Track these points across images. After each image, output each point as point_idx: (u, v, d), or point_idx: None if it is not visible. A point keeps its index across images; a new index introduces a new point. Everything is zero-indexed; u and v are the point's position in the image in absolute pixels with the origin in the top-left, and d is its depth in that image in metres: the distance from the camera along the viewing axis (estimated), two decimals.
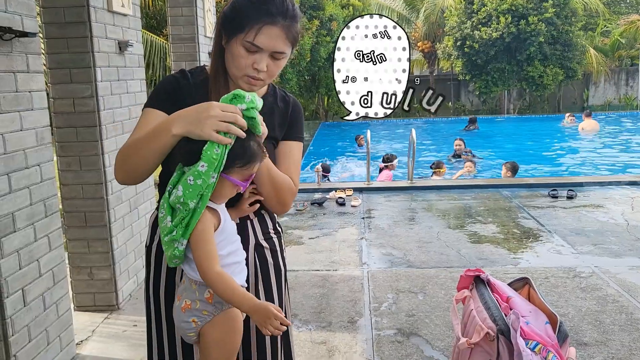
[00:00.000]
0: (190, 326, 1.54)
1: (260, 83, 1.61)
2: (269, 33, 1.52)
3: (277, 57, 1.58)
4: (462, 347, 1.33)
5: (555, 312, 1.41)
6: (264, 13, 1.52)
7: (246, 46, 1.54)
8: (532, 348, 1.24)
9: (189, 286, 1.54)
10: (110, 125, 3.63)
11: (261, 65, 1.55)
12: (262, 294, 1.74)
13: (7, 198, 2.50)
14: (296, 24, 1.58)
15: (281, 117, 1.74)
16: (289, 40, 1.56)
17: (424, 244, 4.90)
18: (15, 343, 2.55)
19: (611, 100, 22.43)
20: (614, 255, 4.45)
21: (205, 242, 1.44)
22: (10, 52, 2.55)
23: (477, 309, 1.41)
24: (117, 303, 3.70)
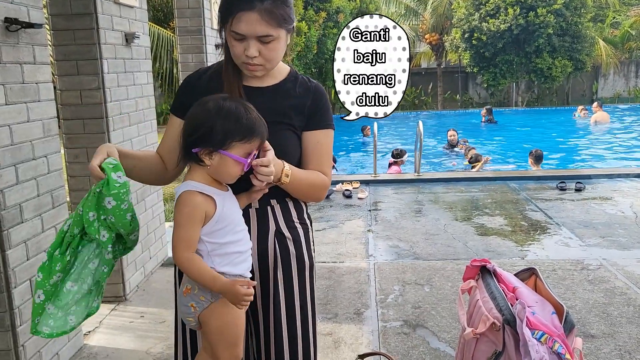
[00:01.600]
0: (189, 311, 1.55)
1: (260, 68, 1.63)
2: (247, 19, 1.54)
3: (266, 41, 1.58)
4: (468, 337, 1.32)
5: (562, 303, 1.40)
6: (240, 1, 1.54)
7: (232, 35, 1.57)
8: (538, 338, 1.24)
9: None
10: (117, 117, 3.64)
11: (251, 52, 1.57)
12: (280, 283, 1.72)
13: (14, 189, 2.51)
14: (281, 4, 1.57)
15: (299, 104, 1.72)
16: (272, 22, 1.56)
17: (430, 236, 4.89)
18: (23, 333, 2.56)
19: (620, 93, 22.25)
20: (622, 248, 4.43)
21: (181, 226, 1.47)
22: (17, 43, 2.55)
23: (483, 299, 1.40)
24: (124, 294, 3.72)
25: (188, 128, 1.51)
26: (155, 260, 4.25)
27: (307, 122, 1.73)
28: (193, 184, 1.50)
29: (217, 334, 1.55)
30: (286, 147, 1.68)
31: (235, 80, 1.66)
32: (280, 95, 1.71)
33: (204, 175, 1.52)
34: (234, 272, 1.53)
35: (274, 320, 1.73)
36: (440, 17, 20.99)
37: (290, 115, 1.70)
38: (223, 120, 1.47)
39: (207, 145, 1.47)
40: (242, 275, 1.55)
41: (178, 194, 1.51)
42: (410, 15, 22.50)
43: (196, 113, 1.51)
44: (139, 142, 3.96)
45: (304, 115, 1.72)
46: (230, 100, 1.53)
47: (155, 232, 4.27)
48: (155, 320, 3.42)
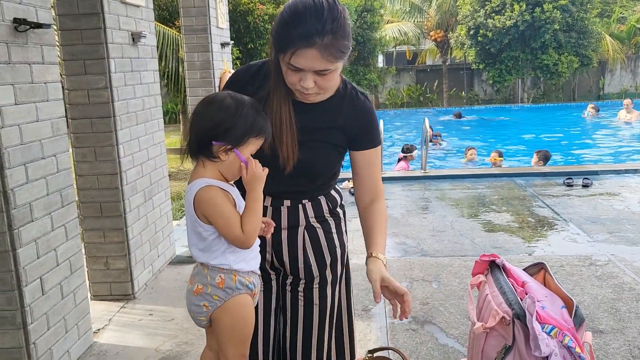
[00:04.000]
0: (201, 310, 1.56)
1: (314, 96, 1.63)
2: (305, 55, 1.50)
3: (323, 74, 1.55)
4: (478, 332, 1.33)
5: (572, 298, 1.40)
6: (298, 36, 1.48)
7: (289, 66, 1.54)
8: (548, 332, 1.24)
9: (201, 270, 1.56)
10: (125, 116, 3.66)
11: (306, 84, 1.55)
12: (314, 268, 1.78)
13: (24, 188, 2.53)
14: (339, 38, 1.51)
15: (345, 125, 1.73)
16: (330, 57, 1.51)
17: (437, 232, 4.89)
18: (34, 331, 2.58)
19: (627, 88, 22.15)
20: (630, 244, 4.42)
21: (222, 216, 1.49)
22: (26, 43, 2.57)
23: (492, 294, 1.40)
24: (132, 292, 3.74)
25: (206, 125, 1.51)
26: (163, 258, 4.27)
27: (356, 142, 1.75)
28: (206, 180, 1.51)
29: (228, 331, 1.56)
30: (319, 164, 1.73)
31: (286, 97, 1.65)
32: (327, 113, 1.70)
33: (215, 172, 1.53)
34: (247, 268, 1.55)
35: (303, 311, 1.76)
36: (445, 14, 20.95)
37: (333, 134, 1.72)
38: (244, 118, 1.49)
39: (226, 142, 1.49)
40: (254, 271, 1.57)
41: (194, 191, 1.51)
42: (415, 12, 22.46)
43: (215, 111, 1.51)
44: (145, 140, 3.98)
45: (349, 135, 1.74)
46: (243, 97, 1.55)
47: (163, 231, 4.29)
48: (164, 318, 3.44)
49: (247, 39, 10.12)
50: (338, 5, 1.54)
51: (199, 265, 1.58)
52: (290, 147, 1.65)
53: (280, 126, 1.64)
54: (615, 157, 10.67)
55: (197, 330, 3.25)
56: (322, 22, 1.47)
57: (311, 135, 1.68)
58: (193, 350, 3.04)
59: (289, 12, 1.54)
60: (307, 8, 1.50)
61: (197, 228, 1.53)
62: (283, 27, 1.52)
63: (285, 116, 1.65)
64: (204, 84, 5.90)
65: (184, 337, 3.19)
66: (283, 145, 1.65)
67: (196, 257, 1.57)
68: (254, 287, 1.59)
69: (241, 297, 1.55)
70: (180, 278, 4.09)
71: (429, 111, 19.70)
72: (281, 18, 1.55)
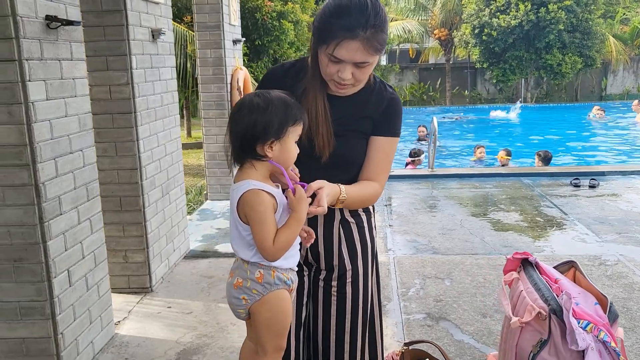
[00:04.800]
0: (240, 303, 1.61)
1: (349, 87, 1.70)
2: (348, 47, 1.57)
3: (361, 66, 1.63)
4: (514, 326, 1.39)
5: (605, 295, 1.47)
6: (342, 27, 1.56)
7: (329, 57, 1.61)
8: (583, 327, 1.30)
9: (241, 265, 1.61)
10: (145, 111, 3.71)
11: (344, 75, 1.63)
12: (346, 259, 1.85)
13: (54, 182, 2.59)
14: (380, 32, 1.59)
15: (372, 113, 1.80)
16: (371, 50, 1.59)
17: (447, 231, 4.95)
18: (62, 321, 2.64)
19: (629, 89, 22.19)
20: (638, 244, 4.48)
21: (262, 223, 1.52)
22: (56, 40, 2.62)
23: (526, 290, 1.46)
24: (150, 285, 3.80)
25: (243, 129, 1.55)
26: (178, 252, 4.33)
27: (376, 127, 1.81)
28: (254, 182, 1.56)
29: (266, 325, 1.61)
30: (354, 154, 1.80)
31: (321, 90, 1.72)
32: (358, 104, 1.78)
33: (260, 172, 1.58)
34: (285, 265, 1.61)
35: (336, 305, 1.83)
36: (449, 12, 20.98)
37: (363, 123, 1.80)
38: (275, 111, 1.54)
39: (268, 138, 1.54)
40: (292, 268, 1.62)
41: (241, 191, 1.55)
42: (420, 10, 22.48)
43: (246, 114, 1.56)
44: (164, 136, 4.03)
45: (374, 121, 1.81)
46: (269, 93, 1.60)
47: (179, 225, 4.35)
48: (182, 311, 3.50)
49: (255, 35, 10.15)
50: (379, 1, 1.62)
51: (239, 259, 1.63)
52: (325, 137, 1.72)
53: (316, 118, 1.72)
54: (629, 156, 10.72)
55: (217, 324, 3.31)
56: (366, 16, 1.55)
57: (344, 126, 1.77)
58: (213, 342, 3.10)
59: (333, 4, 1.61)
60: (352, 1, 1.58)
61: (237, 226, 1.58)
62: (327, 18, 1.60)
63: (320, 108, 1.72)
64: (216, 80, 5.95)
65: (203, 329, 3.25)
66: (319, 135, 1.72)
67: (237, 252, 1.62)
68: (291, 283, 1.65)
69: (279, 291, 1.61)
70: (196, 272, 4.15)
71: (433, 109, 19.73)
72: (325, 10, 1.63)
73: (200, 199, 6.75)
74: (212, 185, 6.26)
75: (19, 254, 2.52)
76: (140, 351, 3.04)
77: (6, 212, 2.47)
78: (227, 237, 4.91)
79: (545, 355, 1.33)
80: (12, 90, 2.38)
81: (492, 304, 3.47)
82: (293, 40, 10.74)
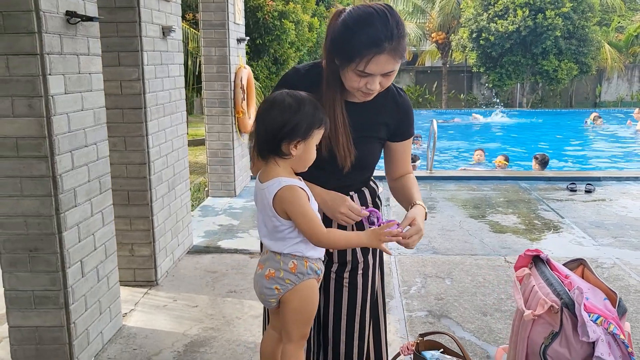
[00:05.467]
0: (272, 293, 1.68)
1: (375, 94, 1.75)
2: (377, 61, 1.61)
3: (388, 75, 1.69)
4: (527, 319, 1.46)
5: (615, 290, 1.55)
6: (370, 44, 1.59)
7: (357, 73, 1.65)
8: (594, 320, 1.37)
9: (273, 257, 1.68)
10: (154, 107, 3.76)
11: (374, 86, 1.68)
12: (359, 253, 1.94)
13: (70, 174, 2.64)
14: (402, 39, 1.63)
15: (388, 120, 1.88)
16: (397, 58, 1.64)
17: (447, 232, 5.03)
18: (74, 311, 2.70)
19: (623, 97, 22.40)
20: (634, 248, 4.57)
21: (306, 215, 1.60)
22: (75, 35, 2.68)
23: (538, 285, 1.53)
24: (155, 279, 3.85)
25: (272, 126, 1.61)
26: (182, 247, 4.39)
27: (395, 134, 1.91)
28: (285, 179, 1.62)
29: (295, 313, 1.68)
30: (370, 158, 1.89)
31: (340, 99, 1.76)
32: (374, 111, 1.85)
33: (287, 169, 1.65)
34: (316, 255, 1.68)
35: (348, 296, 1.90)
36: (447, 16, 21.11)
37: (379, 129, 1.88)
38: (306, 113, 1.61)
39: (295, 138, 1.61)
40: (320, 258, 1.69)
41: (275, 189, 1.62)
42: (418, 13, 22.62)
43: (278, 112, 1.62)
44: (171, 132, 4.09)
45: (391, 129, 1.90)
46: (301, 94, 1.66)
47: (183, 220, 4.40)
48: (188, 305, 3.56)
49: (256, 34, 10.20)
50: (394, 10, 1.67)
51: (268, 252, 1.70)
52: (346, 147, 1.78)
53: (336, 129, 1.76)
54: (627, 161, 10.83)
55: (222, 317, 3.37)
56: (389, 29, 1.60)
57: (361, 132, 1.83)
58: (219, 335, 3.16)
59: (353, 22, 1.63)
60: (372, 16, 1.61)
61: (274, 222, 1.64)
62: (351, 37, 1.61)
63: (339, 118, 1.77)
64: (220, 78, 6.01)
65: (209, 322, 3.31)
66: (340, 145, 1.77)
67: (268, 246, 1.68)
68: (320, 273, 1.72)
69: (310, 281, 1.68)
70: (199, 267, 4.20)
71: (428, 113, 19.83)
72: (345, 29, 1.64)
73: (200, 196, 6.80)
74: (214, 183, 6.31)
75: (34, 244, 2.57)
76: (147, 342, 3.10)
77: (24, 202, 2.53)
78: (230, 234, 4.97)
79: (557, 347, 1.40)
80: (34, 83, 2.44)
81: (492, 303, 3.55)
82: (294, 40, 10.80)
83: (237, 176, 6.37)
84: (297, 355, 1.71)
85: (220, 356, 2.94)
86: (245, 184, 6.78)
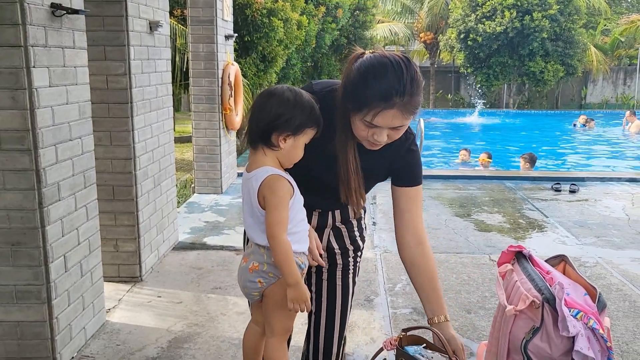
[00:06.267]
0: (255, 286, 1.68)
1: (382, 145, 1.67)
2: (385, 115, 1.54)
3: (397, 128, 1.61)
4: (509, 314, 1.47)
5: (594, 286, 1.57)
6: (379, 97, 1.52)
7: (365, 123, 1.58)
8: (574, 315, 1.39)
9: (257, 250, 1.68)
10: (140, 102, 3.74)
11: (380, 138, 1.61)
12: (338, 256, 1.93)
13: (54, 168, 2.62)
14: (416, 96, 1.55)
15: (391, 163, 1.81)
16: (407, 114, 1.57)
17: (432, 230, 5.06)
18: (57, 306, 2.68)
19: (608, 99, 22.64)
20: (616, 247, 4.63)
21: (282, 208, 1.59)
22: (60, 28, 2.66)
23: (520, 281, 1.55)
24: (140, 275, 3.83)
25: (267, 116, 1.62)
26: (167, 243, 4.37)
27: (399, 178, 1.83)
28: (272, 169, 1.63)
29: (278, 307, 1.68)
30: (365, 192, 1.85)
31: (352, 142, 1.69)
32: (381, 155, 1.76)
33: (274, 160, 1.65)
34: (300, 249, 1.68)
35: (327, 294, 1.90)
36: (435, 16, 21.17)
37: (381, 172, 1.84)
38: (301, 110, 1.61)
39: (286, 131, 1.61)
40: (304, 252, 1.70)
41: (262, 177, 1.62)
42: (406, 13, 22.67)
43: (275, 103, 1.62)
44: (157, 127, 4.07)
45: (394, 169, 1.82)
46: (301, 92, 1.67)
47: (169, 217, 4.38)
48: (172, 301, 3.54)
49: (244, 31, 10.17)
50: (413, 63, 1.59)
51: (254, 245, 1.70)
52: (357, 192, 1.75)
53: (347, 173, 1.71)
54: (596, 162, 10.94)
55: (207, 314, 3.37)
56: (402, 84, 1.52)
57: (365, 172, 1.77)
58: (204, 331, 3.15)
59: (366, 71, 1.56)
60: (387, 69, 1.54)
61: (255, 212, 1.65)
62: (362, 87, 1.55)
63: (351, 164, 1.71)
64: (207, 75, 5.99)
65: (193, 319, 3.30)
66: (351, 190, 1.73)
67: (253, 238, 1.69)
68: (304, 267, 1.72)
69: None
70: (185, 263, 4.19)
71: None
72: (359, 76, 1.57)
73: (186, 193, 6.78)
74: (200, 179, 6.29)
75: (17, 238, 2.55)
76: (131, 338, 3.08)
77: (6, 196, 2.50)
78: (215, 230, 4.96)
79: (537, 342, 1.42)
80: (17, 75, 2.41)
81: (477, 301, 3.57)
82: (282, 37, 10.78)
83: (224, 173, 6.36)
84: (281, 349, 1.71)
85: (204, 352, 2.93)
86: (231, 181, 6.76)
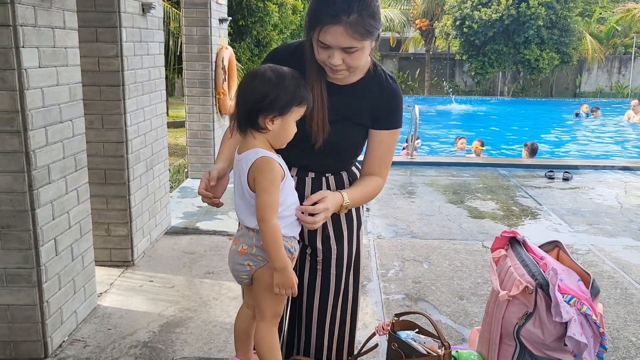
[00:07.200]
0: (244, 269, 1.66)
1: (344, 73, 1.71)
2: (332, 32, 1.60)
3: (350, 51, 1.64)
4: (502, 299, 1.46)
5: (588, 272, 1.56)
6: (326, 13, 1.59)
7: (318, 43, 1.65)
8: (567, 301, 1.38)
9: (247, 232, 1.66)
10: (132, 85, 3.70)
11: (334, 60, 1.65)
12: (332, 238, 1.89)
13: (44, 150, 2.59)
14: (365, 17, 1.60)
15: (371, 105, 1.82)
16: (356, 35, 1.60)
17: (425, 216, 5.06)
18: (47, 290, 2.65)
19: (602, 88, 22.65)
20: (608, 235, 4.64)
21: (273, 191, 1.56)
22: (50, 7, 2.61)
23: (514, 266, 1.54)
24: (132, 259, 3.81)
25: (251, 98, 1.60)
26: (160, 228, 4.34)
27: (377, 120, 1.84)
28: (263, 151, 1.60)
29: (268, 290, 1.67)
30: (347, 142, 1.84)
31: (319, 77, 1.75)
32: (357, 94, 1.81)
33: (265, 142, 1.63)
34: (289, 234, 1.66)
35: (321, 279, 1.87)
36: (431, 3, 21.08)
37: (361, 114, 1.82)
38: (284, 89, 1.58)
39: (272, 112, 1.58)
40: (295, 237, 1.68)
41: (252, 159, 1.60)
42: None
43: (258, 84, 1.60)
44: (150, 111, 4.02)
45: (373, 114, 1.83)
46: (283, 69, 1.64)
47: (161, 201, 4.35)
48: (164, 285, 3.53)
49: (239, 16, 10.09)
50: None
51: (243, 227, 1.68)
52: (320, 125, 1.76)
53: (313, 106, 1.74)
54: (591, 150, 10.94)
55: (199, 298, 3.35)
56: (349, 1, 1.58)
57: (341, 115, 1.80)
58: (195, 316, 3.14)
59: None
60: None
61: (245, 195, 1.62)
62: (314, 5, 1.65)
63: (317, 96, 1.75)
64: (201, 58, 5.93)
65: (185, 303, 3.29)
66: (314, 122, 1.75)
67: (243, 220, 1.66)
68: (294, 251, 1.70)
69: None
70: (177, 248, 4.17)
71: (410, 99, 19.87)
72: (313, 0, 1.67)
73: (180, 178, 6.74)
74: (193, 164, 6.25)
75: (7, 221, 2.51)
76: (122, 322, 3.07)
77: None
78: (208, 215, 4.94)
79: (530, 327, 1.41)
80: (6, 55, 2.37)
81: (469, 287, 3.58)
82: (277, 22, 10.70)
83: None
84: (271, 333, 1.70)
85: (196, 337, 2.92)
86: None
